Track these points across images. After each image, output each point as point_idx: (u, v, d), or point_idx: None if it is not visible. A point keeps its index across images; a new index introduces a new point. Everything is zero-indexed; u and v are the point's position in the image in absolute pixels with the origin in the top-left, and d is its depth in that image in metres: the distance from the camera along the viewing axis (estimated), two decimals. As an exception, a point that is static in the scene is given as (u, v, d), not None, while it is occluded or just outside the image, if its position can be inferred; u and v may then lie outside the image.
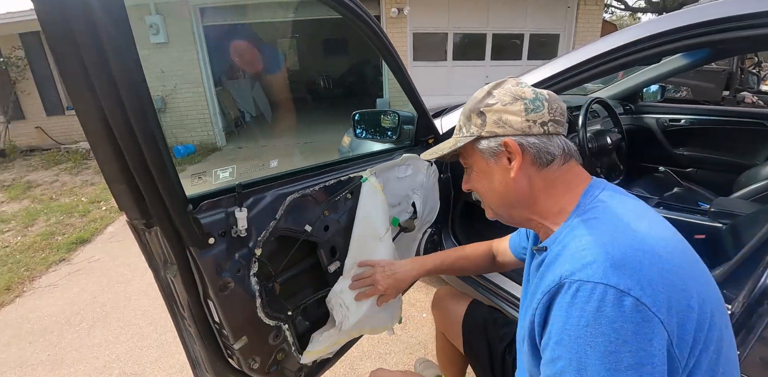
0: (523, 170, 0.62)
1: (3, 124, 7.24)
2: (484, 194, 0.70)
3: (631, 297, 0.45)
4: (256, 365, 0.85)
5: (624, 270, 0.46)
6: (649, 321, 0.44)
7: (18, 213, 4.14)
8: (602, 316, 0.45)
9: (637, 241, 0.50)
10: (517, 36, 7.50)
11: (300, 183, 0.92)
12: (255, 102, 8.03)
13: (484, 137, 0.64)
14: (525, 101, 0.61)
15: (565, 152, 0.62)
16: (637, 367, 0.44)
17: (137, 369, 1.82)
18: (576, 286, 0.48)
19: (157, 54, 6.30)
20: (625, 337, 0.44)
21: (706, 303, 0.49)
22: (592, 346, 0.45)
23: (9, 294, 2.59)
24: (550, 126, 0.61)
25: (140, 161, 0.59)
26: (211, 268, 0.73)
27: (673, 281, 0.47)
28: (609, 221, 0.54)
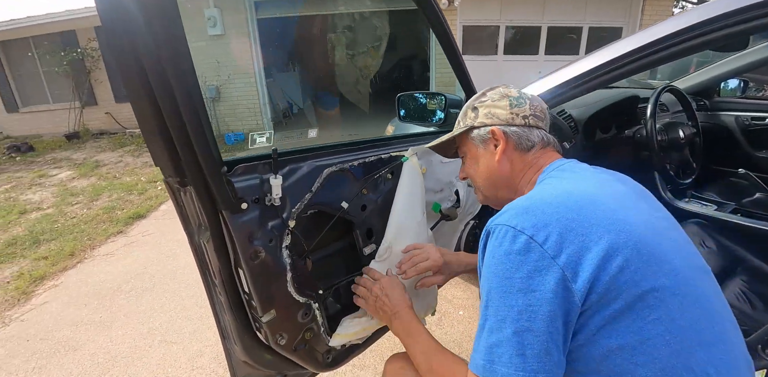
0: (507, 154, 0.74)
1: (78, 109, 7.96)
2: (474, 177, 0.81)
3: (525, 235, 0.54)
4: (283, 341, 0.83)
5: (525, 215, 0.56)
6: (540, 256, 0.52)
7: (86, 188, 4.53)
8: (502, 250, 0.55)
9: (547, 195, 0.60)
10: (574, 29, 7.06)
11: (339, 157, 0.89)
12: (303, 94, 8.22)
13: (476, 127, 0.77)
14: (510, 98, 0.76)
15: (544, 141, 0.75)
16: (526, 292, 0.52)
17: (176, 338, 1.92)
18: (493, 230, 0.59)
19: (213, 45, 6.61)
20: (517, 266, 0.53)
21: (617, 251, 0.52)
22: (495, 273, 0.55)
23: (72, 260, 2.84)
24: (531, 119, 0.74)
25: (176, 116, 0.59)
26: (243, 234, 0.72)
27: (572, 227, 0.53)
28: (543, 186, 0.66)
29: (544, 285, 0.51)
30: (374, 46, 6.90)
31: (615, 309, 0.51)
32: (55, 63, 7.61)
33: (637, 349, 0.51)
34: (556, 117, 1.41)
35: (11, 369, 1.82)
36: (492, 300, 0.55)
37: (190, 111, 0.59)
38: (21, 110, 8.52)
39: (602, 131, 1.58)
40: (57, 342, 1.99)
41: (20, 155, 6.67)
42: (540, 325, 0.51)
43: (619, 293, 0.51)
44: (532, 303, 0.51)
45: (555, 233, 0.53)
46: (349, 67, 7.40)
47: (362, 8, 6.93)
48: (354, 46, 7.13)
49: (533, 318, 0.51)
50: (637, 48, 1.08)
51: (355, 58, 7.15)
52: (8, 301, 2.38)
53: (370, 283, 0.92)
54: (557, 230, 0.53)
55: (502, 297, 0.53)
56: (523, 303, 0.52)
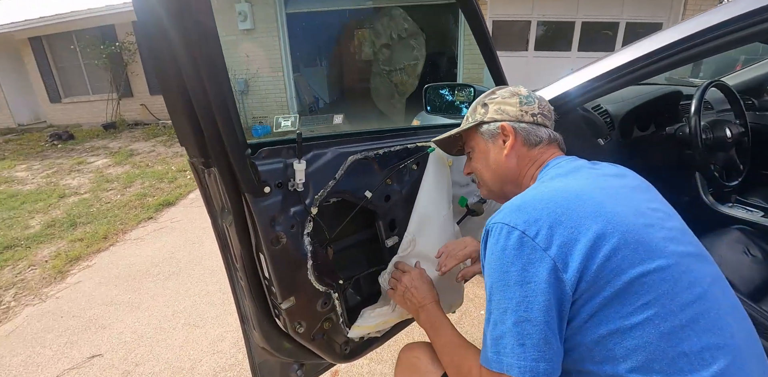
0: (515, 149, 0.76)
1: (115, 100, 8.31)
2: (481, 172, 0.82)
3: (518, 230, 0.56)
4: (302, 329, 0.83)
5: (518, 213, 0.59)
6: (532, 249, 0.55)
7: (120, 176, 4.73)
8: (499, 246, 0.58)
9: (538, 193, 0.62)
10: (610, 25, 6.76)
11: (364, 144, 0.88)
12: (329, 89, 8.27)
13: (486, 122, 0.79)
14: (520, 96, 0.79)
15: (551, 138, 0.77)
16: (522, 284, 0.54)
17: (199, 322, 1.98)
18: (491, 228, 0.61)
19: (243, 39, 6.74)
20: (513, 260, 0.56)
21: (604, 240, 0.54)
22: (494, 269, 0.58)
23: (105, 242, 2.97)
24: (539, 117, 0.77)
25: (202, 96, 0.58)
26: (265, 219, 0.72)
27: (561, 220, 0.56)
28: (537, 184, 0.69)
29: (537, 276, 0.54)
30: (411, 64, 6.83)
31: (604, 297, 0.53)
32: (95, 56, 7.96)
33: (626, 334, 0.52)
34: (591, 112, 1.34)
35: (45, 343, 1.92)
36: (494, 293, 0.58)
37: (216, 91, 0.59)
38: (63, 100, 8.97)
39: (640, 129, 1.50)
40: (88, 319, 2.08)
41: (61, 142, 7.03)
42: (537, 315, 0.53)
43: (607, 280, 0.53)
44: (528, 294, 0.54)
45: (545, 227, 0.56)
46: (375, 63, 7.37)
47: (390, 3, 6.88)
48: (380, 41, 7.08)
49: (530, 308, 0.53)
50: (682, 38, 1.01)
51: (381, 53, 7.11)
52: (45, 279, 2.52)
53: (399, 274, 0.93)
54: (547, 224, 0.56)
55: (502, 290, 0.56)
56: (520, 294, 0.54)
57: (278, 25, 6.64)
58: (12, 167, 5.61)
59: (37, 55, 8.61)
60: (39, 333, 2.01)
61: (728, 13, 0.89)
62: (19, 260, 2.80)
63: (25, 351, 1.88)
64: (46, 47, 8.59)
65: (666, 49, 0.99)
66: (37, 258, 2.82)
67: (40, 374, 1.73)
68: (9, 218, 3.63)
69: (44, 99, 9.06)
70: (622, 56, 1.10)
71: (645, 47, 1.08)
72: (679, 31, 0.97)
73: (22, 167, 5.60)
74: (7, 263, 2.76)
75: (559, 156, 0.76)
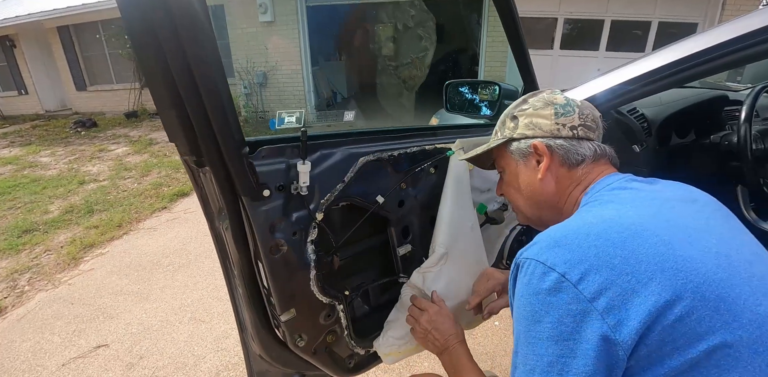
0: (551, 171, 0.64)
1: (138, 90, 8.44)
2: (514, 196, 0.71)
3: (556, 272, 0.46)
4: (302, 343, 0.77)
5: (556, 249, 0.48)
6: (573, 298, 0.44)
7: (138, 164, 4.79)
8: (531, 289, 0.47)
9: (584, 224, 0.51)
10: (641, 25, 6.48)
11: (376, 145, 0.81)
12: (348, 84, 8.21)
13: (516, 138, 0.67)
14: (556, 106, 0.65)
15: (597, 153, 0.64)
16: (557, 340, 0.44)
17: (205, 317, 1.96)
18: (519, 263, 0.51)
19: (263, 32, 6.73)
20: (547, 309, 0.45)
21: (674, 295, 0.42)
22: (523, 316, 0.48)
23: (119, 231, 2.99)
24: (580, 130, 0.64)
25: (191, 86, 0.52)
26: (264, 225, 0.65)
27: (614, 264, 0.45)
28: (581, 212, 0.57)
29: (578, 333, 0.43)
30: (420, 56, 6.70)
31: (672, 367, 0.42)
32: (119, 46, 8.10)
33: None
34: (626, 115, 1.25)
35: (54, 330, 1.94)
36: (520, 345, 0.48)
37: (207, 79, 0.52)
38: (88, 88, 9.18)
39: (679, 136, 1.39)
40: (97, 308, 2.09)
41: (85, 130, 7.19)
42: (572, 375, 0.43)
43: (675, 347, 0.42)
44: (564, 353, 0.44)
45: (592, 271, 0.45)
46: (394, 59, 7.27)
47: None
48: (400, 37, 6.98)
49: (565, 371, 0.43)
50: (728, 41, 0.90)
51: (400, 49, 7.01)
52: (59, 265, 2.55)
53: (417, 313, 0.83)
54: (595, 267, 0.45)
55: (531, 343, 0.47)
56: (554, 352, 0.44)
57: (298, 18, 6.60)
58: (37, 152, 5.76)
59: (64, 44, 8.82)
60: (49, 319, 2.02)
61: None
62: (36, 244, 2.85)
63: (34, 337, 1.89)
64: (73, 36, 8.78)
65: (710, 51, 0.89)
66: (53, 243, 2.86)
67: (47, 361, 1.74)
68: (30, 202, 3.71)
69: (70, 87, 9.29)
70: (662, 57, 1.00)
71: (687, 49, 0.98)
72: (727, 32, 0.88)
73: (47, 152, 5.74)
74: (24, 247, 2.82)
75: (611, 175, 0.63)
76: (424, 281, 0.88)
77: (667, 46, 1.04)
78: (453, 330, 0.77)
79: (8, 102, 9.81)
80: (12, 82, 9.73)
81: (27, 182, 4.29)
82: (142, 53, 0.52)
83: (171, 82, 0.52)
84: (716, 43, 0.89)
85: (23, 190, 4.06)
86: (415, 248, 0.94)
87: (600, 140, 0.67)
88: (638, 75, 0.97)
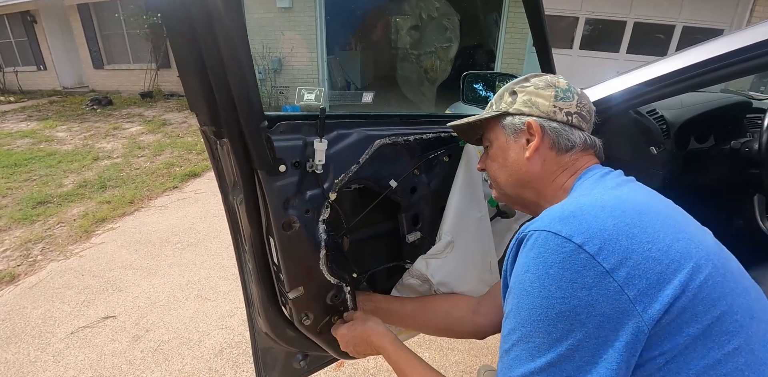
0: (539, 153, 0.63)
1: (154, 70, 8.49)
2: (496, 171, 0.70)
3: (573, 243, 0.43)
4: (308, 321, 0.78)
5: (572, 219, 0.45)
6: (590, 269, 0.42)
7: (152, 143, 4.85)
8: (541, 261, 0.44)
9: (596, 200, 0.50)
10: (664, 28, 6.33)
11: (393, 128, 0.81)
12: (362, 74, 8.17)
13: (511, 113, 0.67)
14: (557, 89, 0.65)
15: (586, 143, 0.64)
16: (569, 315, 0.42)
17: (211, 295, 2.00)
18: (527, 237, 0.48)
19: (280, 17, 6.70)
20: (559, 283, 0.42)
21: (697, 264, 0.43)
22: (529, 291, 0.45)
23: (131, 207, 3.05)
24: (575, 118, 0.64)
25: (216, 56, 0.52)
26: (278, 200, 0.66)
27: (633, 233, 0.43)
28: (584, 191, 0.57)
29: (591, 306, 0.41)
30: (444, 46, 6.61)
31: (690, 335, 0.41)
32: (137, 26, 8.12)
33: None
34: (646, 116, 1.23)
35: (65, 299, 1.99)
36: (523, 323, 0.45)
37: (232, 51, 0.52)
38: (105, 67, 9.25)
39: (697, 140, 1.38)
40: (107, 280, 2.14)
41: (101, 107, 7.27)
42: (587, 361, 0.41)
43: (694, 313, 0.41)
44: (573, 327, 0.42)
45: (611, 241, 0.42)
46: (410, 51, 7.20)
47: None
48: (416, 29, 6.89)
49: (579, 347, 0.41)
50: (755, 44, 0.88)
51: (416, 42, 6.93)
52: (72, 237, 2.61)
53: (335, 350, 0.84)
54: (614, 237, 0.42)
55: (538, 320, 0.43)
56: (563, 328, 0.42)
57: (316, 5, 6.55)
58: (54, 127, 5.85)
59: (84, 22, 8.86)
60: (60, 288, 2.08)
61: None
62: (50, 216, 2.91)
63: (45, 305, 1.95)
64: (92, 14, 8.82)
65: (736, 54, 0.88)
66: (66, 216, 2.92)
67: (56, 328, 1.79)
68: (45, 175, 3.79)
69: (88, 64, 9.37)
70: (686, 58, 0.99)
71: (712, 50, 0.97)
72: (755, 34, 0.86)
73: (63, 127, 5.83)
74: (38, 218, 2.88)
75: (597, 165, 0.63)
76: (427, 268, 0.89)
77: (691, 47, 1.03)
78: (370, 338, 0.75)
79: (27, 77, 9.94)
80: (31, 57, 9.84)
81: (43, 156, 4.37)
82: (170, 21, 0.53)
83: (196, 51, 0.53)
84: (743, 45, 0.88)
85: (39, 163, 4.14)
86: (424, 235, 0.94)
87: (590, 132, 0.67)
88: (660, 75, 0.96)
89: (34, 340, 1.72)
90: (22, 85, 9.83)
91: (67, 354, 1.64)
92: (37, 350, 1.67)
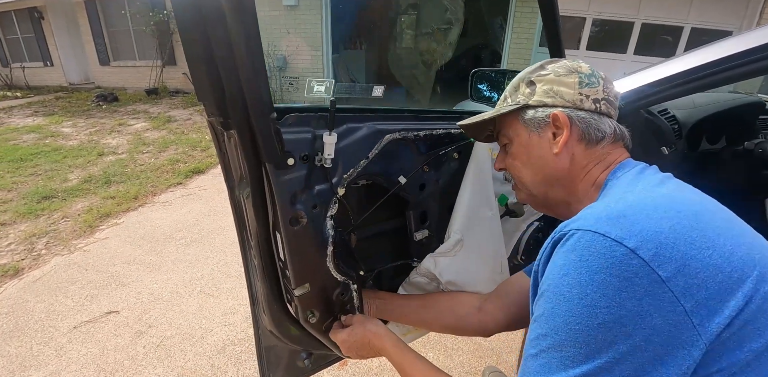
0: (568, 146, 0.58)
1: (159, 67, 8.51)
2: (520, 171, 0.65)
3: (624, 247, 0.38)
4: (314, 319, 0.77)
5: (622, 220, 0.40)
6: (643, 276, 0.37)
7: (156, 140, 4.85)
8: (583, 266, 0.40)
9: (645, 198, 0.45)
10: (673, 29, 6.28)
11: (403, 123, 0.80)
12: (367, 74, 8.16)
13: (531, 106, 0.61)
14: (581, 75, 0.60)
15: (617, 133, 0.59)
16: (613, 326, 0.37)
17: (214, 292, 1.99)
18: (567, 236, 0.43)
19: (286, 16, 6.70)
20: (605, 291, 0.38)
21: (763, 273, 0.39)
22: (566, 297, 0.40)
23: (135, 203, 3.05)
24: (603, 105, 0.59)
25: (225, 44, 0.51)
26: (285, 194, 0.64)
27: (693, 238, 0.39)
28: (625, 188, 0.51)
29: (641, 318, 0.36)
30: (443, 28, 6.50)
31: (753, 350, 0.37)
32: (143, 23, 8.14)
33: None
34: (657, 116, 1.22)
35: (68, 294, 1.99)
36: (557, 330, 0.40)
37: (243, 39, 0.51)
38: (111, 63, 9.29)
39: (709, 141, 1.36)
40: (110, 275, 2.14)
41: (106, 104, 7.30)
42: (628, 370, 0.37)
43: (758, 326, 0.37)
44: (616, 339, 0.38)
45: (668, 246, 0.38)
46: (414, 52, 7.17)
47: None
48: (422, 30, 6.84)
49: (620, 361, 0.37)
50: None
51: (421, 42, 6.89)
52: (76, 231, 2.62)
53: (339, 348, 0.80)
54: (671, 241, 0.38)
55: (576, 329, 0.39)
56: (604, 339, 0.38)
57: (322, 3, 6.55)
58: (60, 122, 5.88)
59: (90, 18, 8.91)
60: (63, 283, 2.08)
61: None
62: (54, 210, 2.92)
63: (48, 299, 1.95)
64: (99, 11, 8.86)
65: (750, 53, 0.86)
66: (71, 211, 2.93)
67: (59, 322, 1.79)
68: (51, 170, 3.80)
69: (94, 61, 9.41)
70: (698, 58, 0.97)
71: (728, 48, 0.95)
72: None
73: (69, 123, 5.85)
74: (43, 212, 2.89)
75: (629, 160, 0.58)
76: (435, 266, 0.88)
77: (702, 47, 1.01)
78: (372, 341, 0.73)
79: (34, 73, 9.99)
80: (38, 53, 9.90)
81: (48, 151, 4.39)
82: (179, 7, 0.52)
83: (205, 38, 0.52)
84: (756, 45, 0.86)
85: (44, 158, 4.16)
86: (432, 234, 0.93)
87: (617, 117, 0.62)
88: (671, 74, 0.94)
89: (36, 334, 1.72)
90: (28, 80, 9.88)
91: (69, 349, 1.64)
92: (39, 344, 1.67)
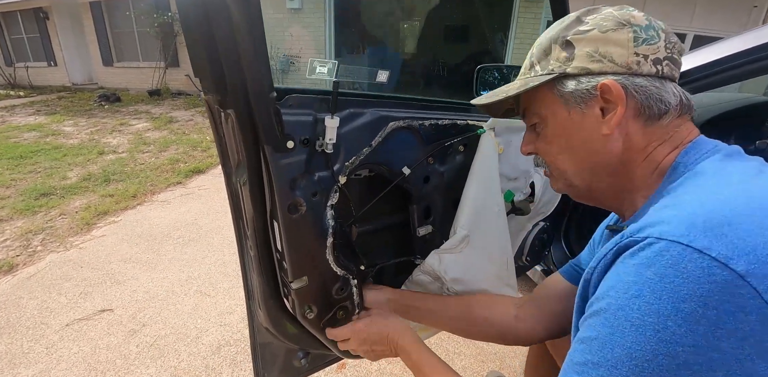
0: (622, 125, 0.45)
1: (162, 69, 8.54)
2: (556, 156, 0.52)
3: (730, 270, 0.29)
4: (311, 315, 0.73)
5: (726, 230, 0.31)
6: (752, 311, 0.29)
7: (157, 140, 4.84)
8: (666, 290, 0.31)
9: (754, 198, 0.35)
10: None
11: (408, 111, 0.77)
12: (369, 79, 8.18)
13: (570, 75, 0.47)
14: (635, 28, 0.45)
15: (683, 103, 0.45)
16: (699, 370, 0.29)
17: (211, 291, 1.95)
18: (642, 245, 0.34)
19: (289, 18, 6.73)
20: (694, 326, 0.29)
21: None
22: (636, 325, 0.31)
23: (133, 201, 3.02)
24: (665, 66, 0.44)
25: (224, 17, 0.49)
26: (284, 179, 0.61)
27: None
28: (707, 181, 0.39)
29: (743, 363, 0.29)
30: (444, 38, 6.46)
31: None
32: (147, 24, 8.19)
33: None
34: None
35: (62, 291, 1.96)
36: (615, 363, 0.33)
37: (243, 15, 0.49)
38: (115, 64, 9.33)
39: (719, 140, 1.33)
40: (105, 273, 2.11)
41: (108, 104, 7.30)
42: None
43: None
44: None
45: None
46: (416, 57, 7.18)
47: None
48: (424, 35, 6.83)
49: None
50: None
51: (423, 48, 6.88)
52: (73, 229, 2.58)
53: (346, 345, 0.76)
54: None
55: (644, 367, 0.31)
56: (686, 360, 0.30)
57: (325, 7, 6.58)
58: (61, 121, 5.87)
59: (95, 19, 8.97)
60: (58, 280, 2.05)
61: None
62: (52, 207, 2.89)
63: (41, 296, 1.92)
64: (104, 12, 8.92)
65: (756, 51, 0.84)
66: (68, 208, 2.90)
67: (52, 320, 1.75)
68: (50, 167, 3.78)
69: (98, 61, 9.45)
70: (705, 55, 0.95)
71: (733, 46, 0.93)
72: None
73: (70, 122, 5.85)
74: (41, 209, 2.86)
75: (702, 137, 0.46)
76: (440, 263, 0.85)
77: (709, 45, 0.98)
78: (391, 335, 0.69)
79: (37, 72, 10.04)
80: (43, 53, 9.95)
81: (49, 149, 4.37)
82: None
83: (203, 10, 0.50)
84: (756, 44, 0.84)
85: (44, 156, 4.14)
86: (436, 230, 0.90)
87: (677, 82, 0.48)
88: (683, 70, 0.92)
89: (28, 331, 1.68)
90: (32, 80, 9.92)
91: (60, 347, 1.60)
92: (30, 341, 1.63)
